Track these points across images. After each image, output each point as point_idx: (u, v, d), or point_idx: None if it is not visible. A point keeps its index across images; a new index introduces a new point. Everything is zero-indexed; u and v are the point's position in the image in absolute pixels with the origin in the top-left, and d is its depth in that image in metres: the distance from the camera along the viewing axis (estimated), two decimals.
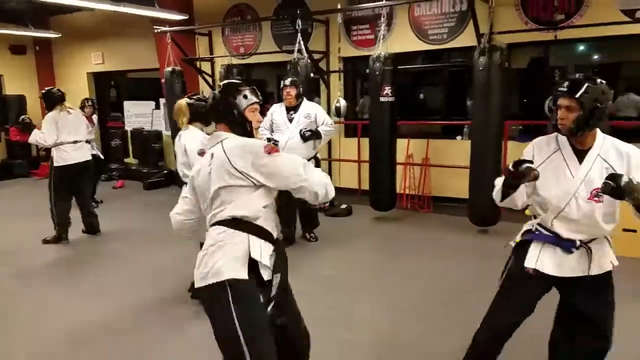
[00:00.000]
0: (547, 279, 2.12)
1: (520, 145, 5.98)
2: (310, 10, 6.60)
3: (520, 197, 2.12)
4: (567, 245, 2.07)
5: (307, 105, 4.77)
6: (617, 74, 6.13)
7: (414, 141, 6.51)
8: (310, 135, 4.65)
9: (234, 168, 1.87)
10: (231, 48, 7.92)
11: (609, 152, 2.03)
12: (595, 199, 2.00)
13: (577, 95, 1.94)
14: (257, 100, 2.06)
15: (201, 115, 3.52)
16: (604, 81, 1.99)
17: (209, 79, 7.92)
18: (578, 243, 2.07)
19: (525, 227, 2.26)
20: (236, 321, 1.83)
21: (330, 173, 7.34)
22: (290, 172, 1.92)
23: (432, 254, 4.76)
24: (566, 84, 2.00)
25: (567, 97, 1.97)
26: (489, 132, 4.97)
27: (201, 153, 3.42)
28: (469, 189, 5.26)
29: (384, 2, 5.62)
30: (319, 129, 4.70)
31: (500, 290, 2.27)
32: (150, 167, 8.75)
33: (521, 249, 2.20)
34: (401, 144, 6.36)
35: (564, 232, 2.08)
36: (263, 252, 1.92)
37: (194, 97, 3.57)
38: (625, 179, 1.80)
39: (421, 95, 7.37)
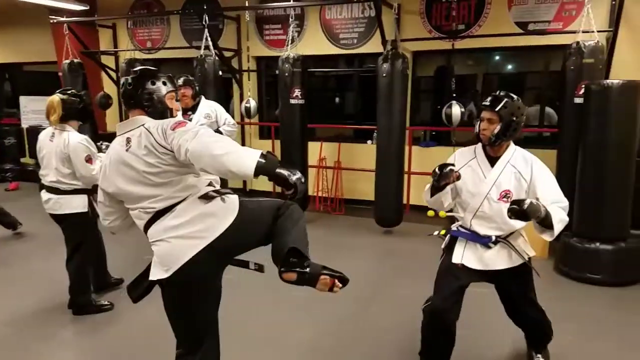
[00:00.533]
0: (475, 271, 2.41)
1: (424, 150, 6.20)
2: (220, 6, 6.40)
3: (446, 198, 2.43)
4: (484, 241, 2.39)
5: (206, 105, 4.53)
6: (522, 83, 6.49)
7: (326, 144, 6.51)
8: None
9: (158, 144, 1.79)
10: (137, 42, 7.49)
11: (517, 159, 2.36)
12: (504, 199, 2.32)
13: (497, 109, 2.27)
14: (175, 88, 2.05)
15: (77, 113, 3.24)
16: (519, 98, 2.33)
17: (113, 74, 7.43)
18: (493, 238, 2.37)
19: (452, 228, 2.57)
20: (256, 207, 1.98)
21: None
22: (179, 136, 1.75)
23: (341, 255, 4.74)
24: (489, 99, 2.32)
25: (489, 110, 2.30)
26: (391, 137, 5.07)
27: (88, 159, 3.16)
28: (374, 192, 5.34)
29: (291, 2, 5.55)
30: (220, 129, 4.51)
31: (437, 275, 2.52)
32: None
33: (451, 251, 2.48)
34: (315, 147, 6.36)
35: (481, 229, 2.39)
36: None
37: (68, 92, 3.27)
38: (527, 202, 2.08)
39: (337, 99, 7.41)
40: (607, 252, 3.99)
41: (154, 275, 1.87)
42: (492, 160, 2.39)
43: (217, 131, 4.45)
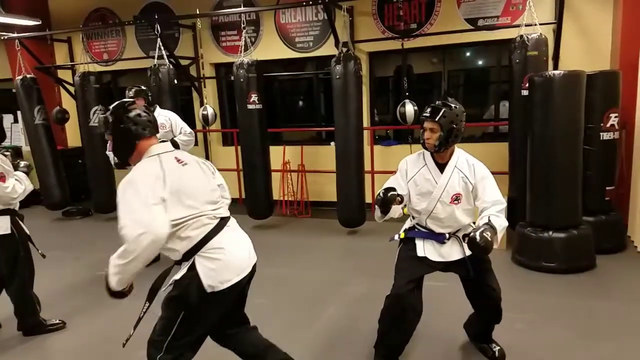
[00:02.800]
0: (434, 263, 2.58)
1: (386, 149, 6.24)
2: (175, 14, 6.36)
3: (396, 211, 2.57)
4: (439, 238, 2.58)
5: (161, 114, 4.47)
6: (487, 77, 6.50)
7: (290, 148, 6.51)
8: None
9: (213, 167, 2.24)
10: (93, 54, 7.39)
11: (463, 164, 2.53)
12: (455, 202, 2.50)
13: (437, 119, 2.42)
14: None
15: None
16: (458, 106, 2.47)
17: (71, 88, 7.27)
18: (447, 235, 2.56)
19: (406, 224, 2.72)
20: None
21: None
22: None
23: (303, 257, 4.79)
24: (428, 110, 2.48)
25: (429, 120, 2.45)
26: (349, 138, 5.08)
27: (1, 177, 3.03)
28: (336, 193, 5.35)
29: (242, 8, 5.55)
30: (176, 139, 4.46)
31: (398, 264, 2.65)
32: None
33: (409, 241, 2.64)
34: (279, 151, 6.35)
35: (436, 228, 2.58)
36: None
37: None
38: (477, 235, 2.23)
39: (300, 102, 7.41)
40: (559, 240, 4.07)
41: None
42: (441, 166, 2.55)
43: (173, 141, 4.38)
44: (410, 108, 5.15)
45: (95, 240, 5.62)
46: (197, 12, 5.70)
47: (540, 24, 4.71)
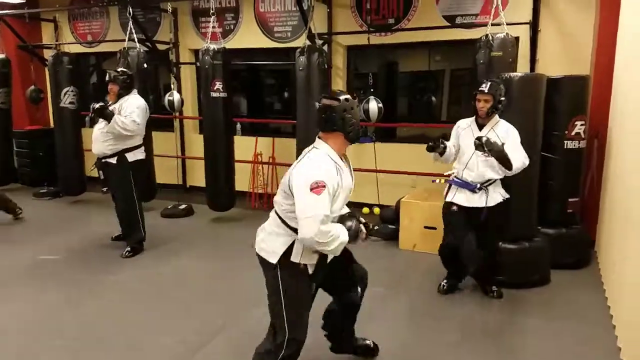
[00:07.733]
0: (465, 210, 3.41)
1: (361, 146, 6.03)
2: None
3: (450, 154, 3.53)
4: (471, 187, 3.39)
5: (128, 100, 4.31)
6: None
7: (262, 139, 6.38)
8: (98, 111, 4.04)
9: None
10: (78, 35, 7.38)
11: (499, 127, 3.35)
12: (485, 155, 3.24)
13: (490, 91, 3.27)
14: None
15: None
16: (502, 83, 3.42)
17: None
18: (478, 185, 3.35)
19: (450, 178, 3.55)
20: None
21: (184, 172, 7.06)
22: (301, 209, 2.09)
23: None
24: (483, 85, 3.29)
25: (485, 93, 3.28)
26: (310, 132, 4.92)
27: None
28: None
29: None
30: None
31: (445, 222, 3.60)
32: None
33: (447, 194, 3.54)
34: (250, 142, 6.24)
35: (469, 178, 3.39)
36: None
37: None
38: (484, 138, 3.18)
39: (278, 93, 7.25)
40: (509, 252, 3.83)
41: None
42: (481, 127, 3.39)
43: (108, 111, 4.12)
44: (374, 105, 4.96)
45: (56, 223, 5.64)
46: None
47: (512, 24, 4.49)
